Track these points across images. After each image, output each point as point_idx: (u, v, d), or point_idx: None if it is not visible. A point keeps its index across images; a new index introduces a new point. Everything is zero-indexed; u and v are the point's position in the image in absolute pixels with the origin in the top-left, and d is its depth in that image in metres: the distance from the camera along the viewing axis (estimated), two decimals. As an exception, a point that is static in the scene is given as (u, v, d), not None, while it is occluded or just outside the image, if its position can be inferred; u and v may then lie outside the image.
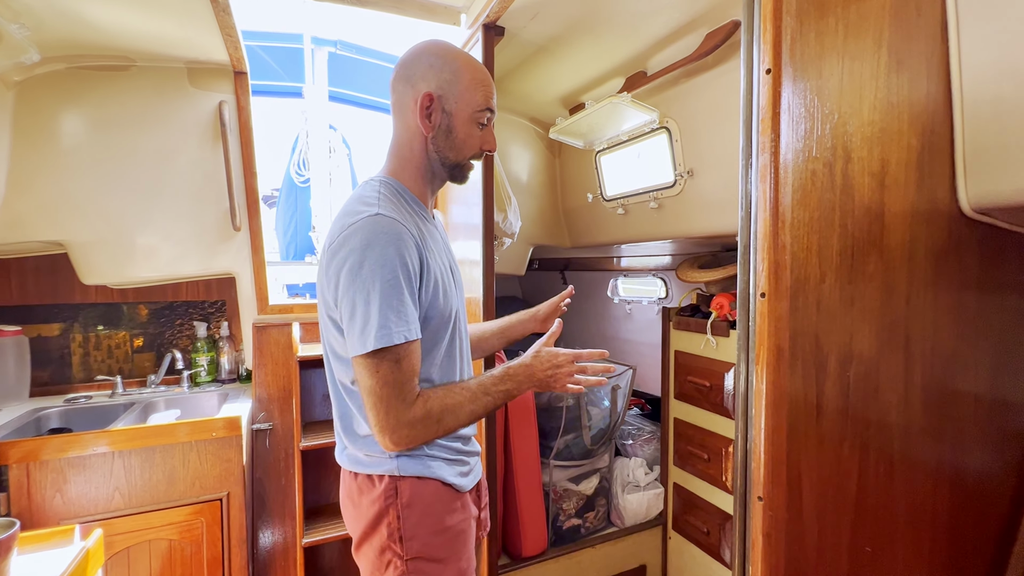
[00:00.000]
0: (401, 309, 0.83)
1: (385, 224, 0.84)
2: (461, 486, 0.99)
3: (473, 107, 0.93)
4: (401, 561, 0.93)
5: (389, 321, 0.81)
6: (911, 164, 0.89)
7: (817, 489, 0.81)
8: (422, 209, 0.98)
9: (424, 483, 0.95)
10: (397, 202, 0.92)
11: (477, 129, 0.95)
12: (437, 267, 0.94)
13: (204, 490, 1.54)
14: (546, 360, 0.95)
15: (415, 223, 0.92)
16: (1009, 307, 1.10)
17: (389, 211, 0.87)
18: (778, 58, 0.73)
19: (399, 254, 0.83)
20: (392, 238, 0.83)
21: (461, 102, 0.93)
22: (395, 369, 0.83)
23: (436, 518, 0.96)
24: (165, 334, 2.07)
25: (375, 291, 0.81)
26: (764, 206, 0.75)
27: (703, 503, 1.69)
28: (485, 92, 0.94)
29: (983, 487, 1.09)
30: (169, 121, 1.68)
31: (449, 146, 0.95)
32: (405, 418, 0.84)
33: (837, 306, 0.81)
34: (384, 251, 0.82)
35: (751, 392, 0.78)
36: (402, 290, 0.83)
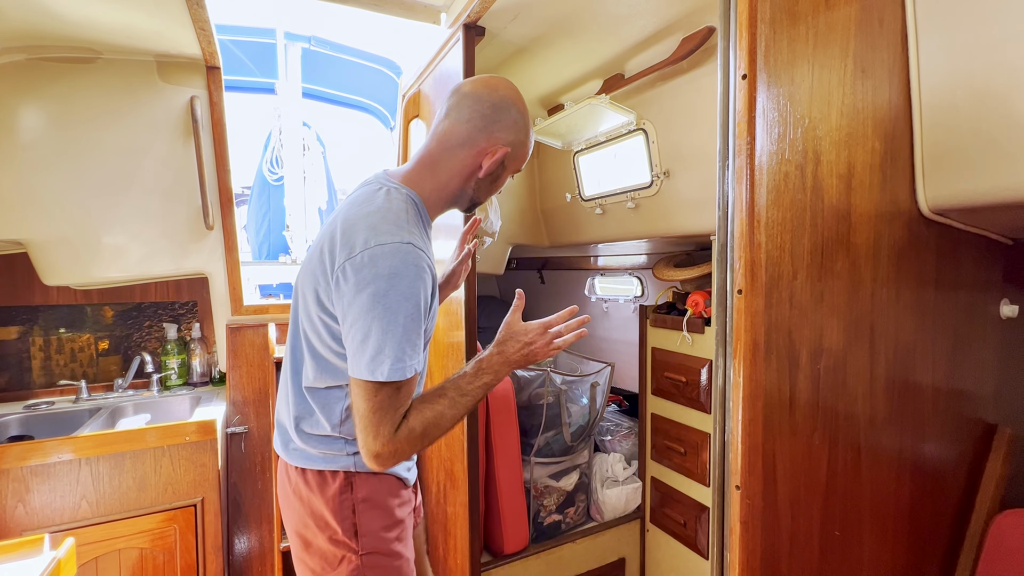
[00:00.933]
0: (416, 343, 0.84)
1: (414, 257, 0.83)
2: (406, 478, 1.03)
3: (517, 162, 1.00)
4: (356, 556, 0.94)
5: (405, 355, 0.82)
6: (875, 167, 0.94)
7: (790, 477, 0.84)
8: (429, 227, 0.99)
9: (380, 479, 0.97)
10: (419, 224, 0.91)
11: (502, 181, 1.01)
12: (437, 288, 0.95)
13: (177, 496, 1.50)
14: (517, 341, 0.93)
15: (429, 247, 0.92)
16: (963, 302, 1.17)
17: (417, 241, 0.86)
18: (753, 64, 0.76)
19: (423, 289, 0.84)
20: (419, 272, 0.83)
21: (517, 160, 0.99)
22: (393, 396, 0.83)
23: (389, 512, 0.98)
24: (133, 336, 2.00)
25: (396, 323, 0.81)
26: (741, 207, 0.78)
27: (680, 496, 1.74)
28: (526, 155, 1.01)
29: (941, 472, 1.15)
30: (137, 116, 1.63)
31: (487, 190, 1.01)
32: (390, 445, 0.83)
33: (808, 302, 0.85)
34: (411, 284, 0.82)
35: (729, 385, 0.81)
36: (419, 325, 0.84)
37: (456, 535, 1.55)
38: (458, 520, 1.53)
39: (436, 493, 1.68)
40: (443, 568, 1.68)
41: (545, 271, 2.98)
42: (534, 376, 1.86)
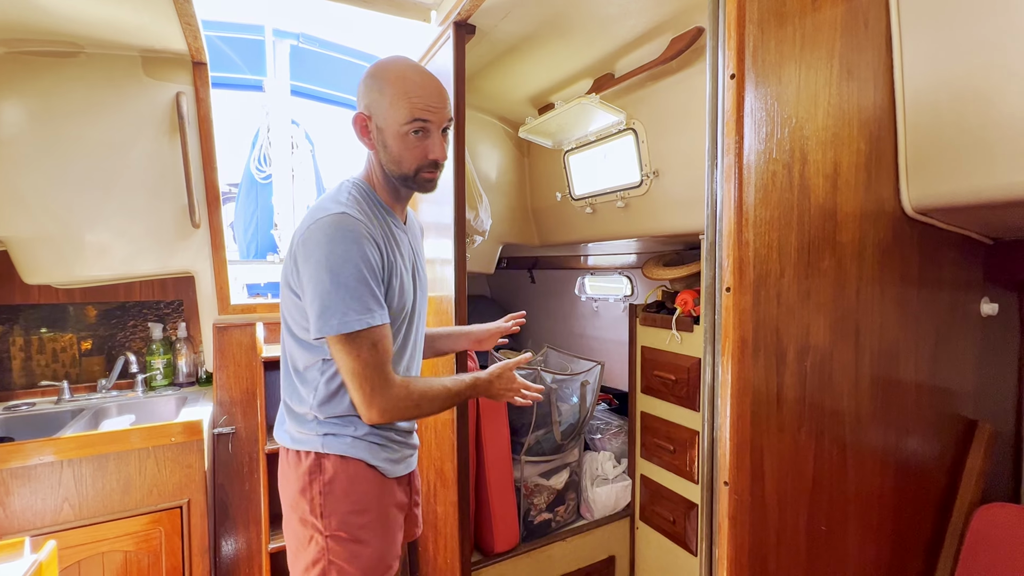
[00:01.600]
0: (364, 299, 0.90)
1: (349, 223, 0.91)
2: (386, 470, 1.04)
3: (399, 121, 0.95)
4: (321, 536, 0.98)
5: (351, 309, 0.89)
6: (860, 167, 0.96)
7: (778, 473, 0.85)
8: (389, 213, 1.04)
9: (346, 462, 1.00)
10: (365, 204, 0.99)
11: (413, 141, 0.96)
12: (400, 266, 1.01)
13: (163, 498, 1.48)
14: (505, 383, 1.12)
15: (379, 225, 0.99)
16: (945, 301, 1.19)
17: (355, 212, 0.94)
18: (741, 64, 0.77)
19: (360, 250, 0.90)
20: (355, 235, 0.91)
21: (388, 118, 0.96)
22: (373, 352, 0.91)
23: (357, 498, 1.00)
24: (117, 336, 1.97)
25: (338, 282, 0.88)
26: (729, 205, 0.79)
27: (669, 493, 1.75)
28: (410, 104, 0.94)
29: (923, 467, 1.18)
30: (121, 112, 1.60)
31: (389, 160, 0.99)
32: (389, 394, 0.93)
33: (795, 300, 0.86)
34: (348, 247, 0.89)
35: (717, 383, 0.82)
36: (365, 283, 0.90)
37: (446, 534, 1.55)
38: (448, 519, 1.52)
39: (426, 492, 1.67)
40: (433, 567, 1.68)
41: (535, 270, 2.99)
42: (524, 375, 1.86)
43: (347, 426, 1.01)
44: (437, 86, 0.98)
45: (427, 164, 0.98)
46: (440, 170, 1.02)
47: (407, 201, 1.10)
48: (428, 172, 0.99)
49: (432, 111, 0.95)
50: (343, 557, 0.98)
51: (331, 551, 0.98)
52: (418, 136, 0.96)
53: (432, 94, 0.96)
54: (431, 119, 0.96)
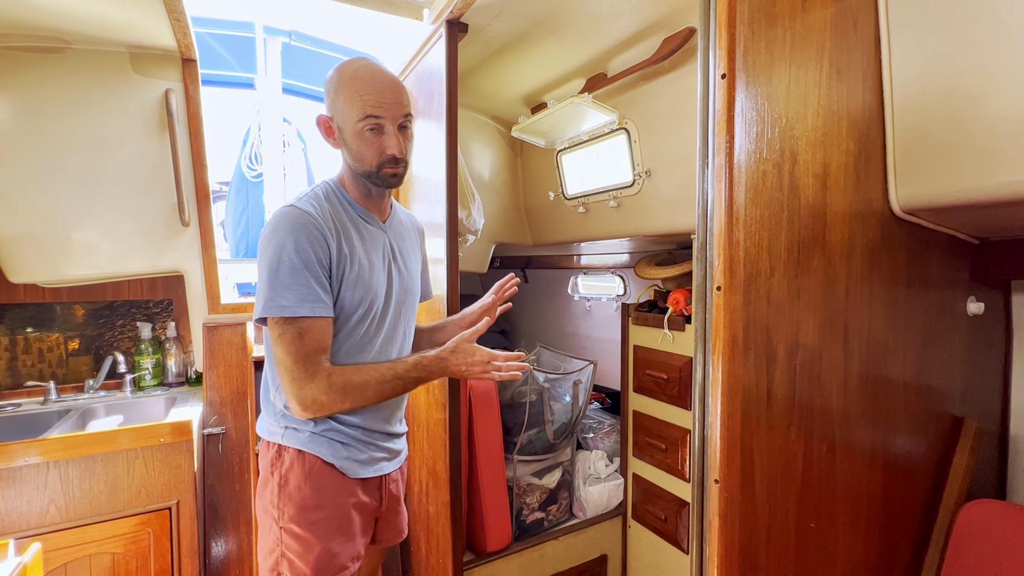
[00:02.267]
0: (293, 287, 0.91)
1: (292, 214, 0.95)
2: (347, 470, 1.04)
3: (353, 119, 0.97)
4: (276, 527, 1.02)
5: (278, 295, 0.91)
6: (849, 167, 0.96)
7: (767, 471, 0.86)
8: (361, 212, 1.06)
9: (303, 456, 1.02)
10: (327, 201, 1.01)
11: (369, 138, 0.98)
12: (362, 260, 1.02)
13: (151, 499, 1.46)
14: (462, 356, 1.01)
15: (341, 220, 1.01)
16: (932, 300, 1.20)
17: (305, 205, 0.97)
18: (732, 63, 0.77)
19: (298, 240, 0.92)
20: (296, 226, 0.93)
21: (344, 117, 0.98)
22: (297, 341, 0.92)
23: (310, 493, 1.01)
24: (105, 336, 1.94)
25: (272, 269, 0.92)
26: (720, 204, 0.79)
27: (661, 491, 1.76)
28: (362, 102, 0.96)
29: (911, 465, 1.19)
30: (109, 109, 1.58)
31: (352, 158, 1.02)
32: (307, 389, 0.92)
33: (785, 299, 0.86)
34: (284, 236, 0.92)
35: (708, 381, 0.82)
36: (297, 270, 0.92)
37: (438, 534, 1.54)
38: (440, 519, 1.52)
39: (418, 492, 1.67)
40: (425, 567, 1.67)
41: (529, 270, 2.99)
42: (517, 374, 1.86)
43: (307, 421, 1.03)
44: (390, 82, 0.99)
45: (387, 160, 0.99)
46: (403, 166, 1.02)
47: (382, 199, 1.10)
48: (389, 168, 1.00)
49: (383, 107, 0.97)
50: (294, 551, 1.00)
51: (284, 543, 1.01)
52: (373, 133, 0.98)
53: (383, 91, 0.98)
54: (383, 115, 0.97)
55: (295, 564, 1.00)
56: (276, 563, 1.02)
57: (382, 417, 1.10)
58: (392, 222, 1.14)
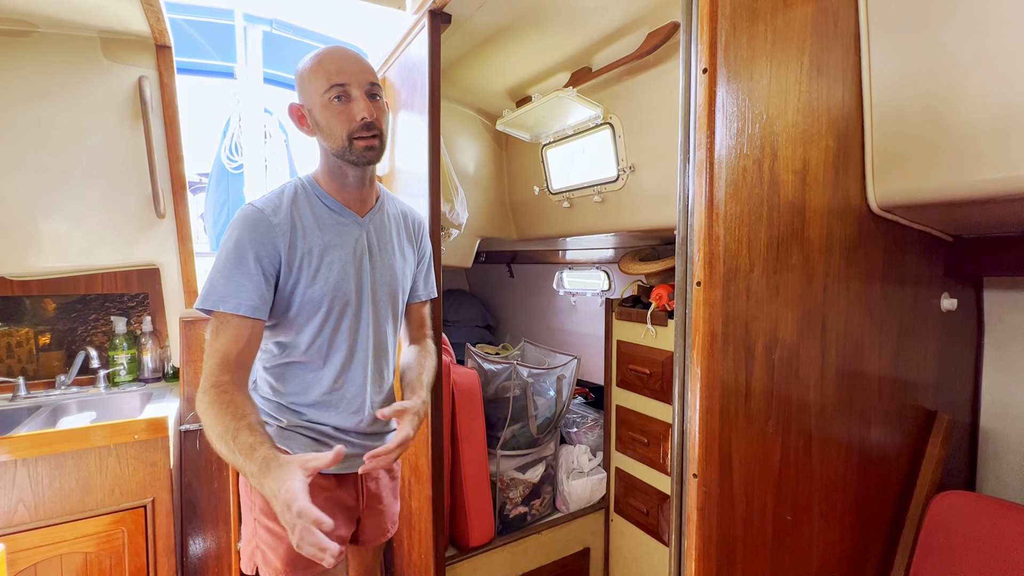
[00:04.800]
0: (223, 281, 0.91)
1: (245, 211, 0.96)
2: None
3: (318, 92, 0.96)
4: (250, 516, 1.04)
5: (213, 289, 0.91)
6: (828, 164, 0.97)
7: (745, 465, 0.87)
8: (330, 204, 1.04)
9: None
10: (291, 195, 1.01)
11: (337, 108, 0.96)
12: (323, 256, 1.00)
13: (125, 497, 1.43)
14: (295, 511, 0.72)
15: (300, 216, 0.99)
16: (907, 296, 1.23)
17: (260, 203, 0.97)
18: (714, 58, 0.77)
19: (240, 236, 0.93)
20: (246, 223, 0.94)
21: (311, 94, 0.97)
22: (213, 337, 0.91)
23: None
24: (77, 330, 1.89)
25: (216, 264, 0.93)
26: (700, 200, 0.79)
27: (643, 485, 1.77)
28: (325, 73, 0.95)
29: (885, 457, 1.21)
30: (79, 96, 1.53)
31: (325, 136, 0.99)
32: (203, 383, 0.89)
33: (764, 294, 0.87)
34: (230, 232, 0.94)
35: (687, 376, 0.82)
36: (234, 266, 0.92)
37: (420, 530, 1.54)
38: (422, 515, 1.51)
39: (401, 488, 1.66)
40: (407, 563, 1.67)
41: (514, 264, 2.98)
42: (501, 369, 1.85)
43: (277, 414, 1.04)
44: (354, 55, 0.99)
45: (357, 127, 0.95)
46: (378, 136, 0.98)
47: (360, 188, 1.05)
48: (362, 138, 0.96)
49: (347, 73, 0.95)
50: (267, 543, 1.01)
51: (258, 535, 1.02)
52: (341, 102, 0.96)
53: (346, 59, 0.97)
54: (348, 80, 0.95)
55: (267, 556, 1.01)
56: (252, 552, 1.05)
57: (354, 420, 1.07)
58: (375, 216, 1.09)
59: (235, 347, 0.90)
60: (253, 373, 1.05)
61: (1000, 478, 1.47)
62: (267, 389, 1.07)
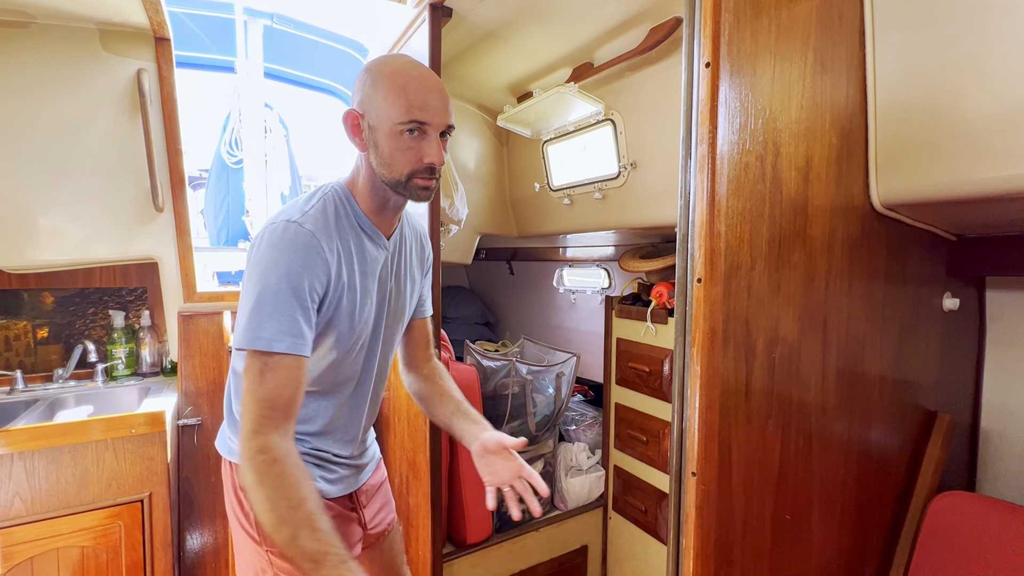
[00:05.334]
0: (278, 319, 0.81)
1: (292, 233, 0.84)
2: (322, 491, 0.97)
3: (392, 119, 0.86)
4: (262, 549, 0.94)
5: (260, 327, 0.81)
6: (832, 161, 0.96)
7: (745, 464, 0.86)
8: (367, 228, 0.95)
9: None
10: (333, 215, 0.91)
11: (407, 141, 0.87)
12: (360, 288, 0.93)
13: (122, 491, 1.42)
14: None
15: (345, 241, 0.91)
16: (909, 295, 1.22)
17: (309, 223, 0.86)
18: (716, 52, 0.76)
19: (291, 264, 0.82)
20: (297, 248, 0.83)
21: (381, 115, 0.87)
22: (257, 381, 0.80)
23: None
24: (75, 324, 1.89)
25: (261, 293, 0.82)
26: (702, 195, 0.78)
27: (641, 483, 1.77)
28: (407, 102, 0.86)
29: (885, 457, 1.21)
30: (78, 88, 1.52)
31: (380, 163, 0.90)
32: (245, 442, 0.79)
33: (765, 292, 0.86)
34: (281, 257, 0.82)
35: (687, 374, 0.82)
36: (287, 299, 0.82)
37: (418, 526, 1.53)
38: (420, 511, 1.51)
39: (399, 484, 1.66)
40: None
41: (515, 262, 2.97)
42: (500, 366, 1.85)
43: None
44: (439, 87, 0.90)
45: (422, 169, 0.89)
46: (437, 178, 0.92)
47: (396, 214, 0.99)
48: (423, 178, 0.90)
49: (431, 111, 0.87)
50: (287, 570, 0.94)
51: (275, 564, 0.94)
52: (413, 136, 0.87)
53: (432, 92, 0.88)
54: (429, 120, 0.87)
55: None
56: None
57: (351, 447, 1.04)
58: (396, 238, 1.03)
59: (286, 392, 0.81)
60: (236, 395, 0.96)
61: (1000, 479, 1.46)
62: None
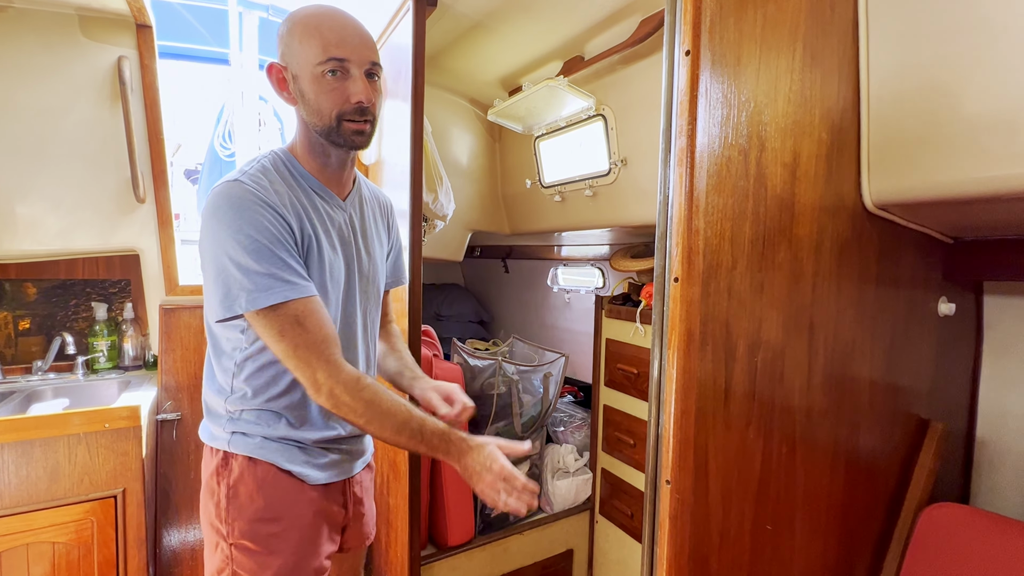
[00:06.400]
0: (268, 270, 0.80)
1: (241, 190, 0.83)
2: (307, 476, 0.95)
3: (311, 62, 0.84)
4: (225, 544, 0.91)
5: (256, 286, 0.80)
6: (821, 158, 0.92)
7: (723, 472, 0.82)
8: (316, 186, 0.94)
9: (255, 464, 0.92)
10: (276, 173, 0.89)
11: (330, 83, 0.85)
12: (323, 244, 0.91)
13: (94, 487, 1.39)
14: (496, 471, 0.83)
15: (295, 196, 0.89)
16: (902, 299, 1.18)
17: (250, 180, 0.85)
18: (697, 39, 0.72)
19: (256, 218, 0.81)
20: (249, 203, 0.82)
21: (300, 60, 0.85)
22: (299, 330, 0.81)
23: (266, 504, 0.91)
24: (57, 315, 1.86)
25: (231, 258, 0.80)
26: (680, 190, 0.74)
27: (628, 487, 1.73)
28: (322, 40, 0.83)
29: (874, 465, 1.17)
30: (56, 75, 1.49)
31: (309, 112, 0.88)
32: (329, 382, 0.82)
33: (748, 293, 0.82)
34: (240, 215, 0.81)
35: (663, 377, 0.78)
36: (266, 251, 0.81)
37: (397, 527, 1.50)
38: (399, 512, 1.48)
39: (380, 485, 1.62)
40: (384, 561, 1.63)
41: (509, 260, 2.94)
42: (486, 365, 1.82)
43: (258, 424, 0.92)
44: (355, 25, 0.88)
45: (350, 110, 0.86)
46: (370, 121, 0.89)
47: (342, 170, 0.97)
48: (353, 121, 0.86)
49: (349, 47, 0.84)
50: (248, 568, 0.90)
51: (235, 561, 0.90)
52: (336, 77, 0.84)
53: (348, 29, 0.86)
54: (347, 56, 0.84)
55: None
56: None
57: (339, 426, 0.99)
58: (353, 199, 1.02)
59: (328, 327, 0.84)
60: (229, 378, 0.93)
61: (996, 491, 1.42)
62: (241, 391, 0.93)
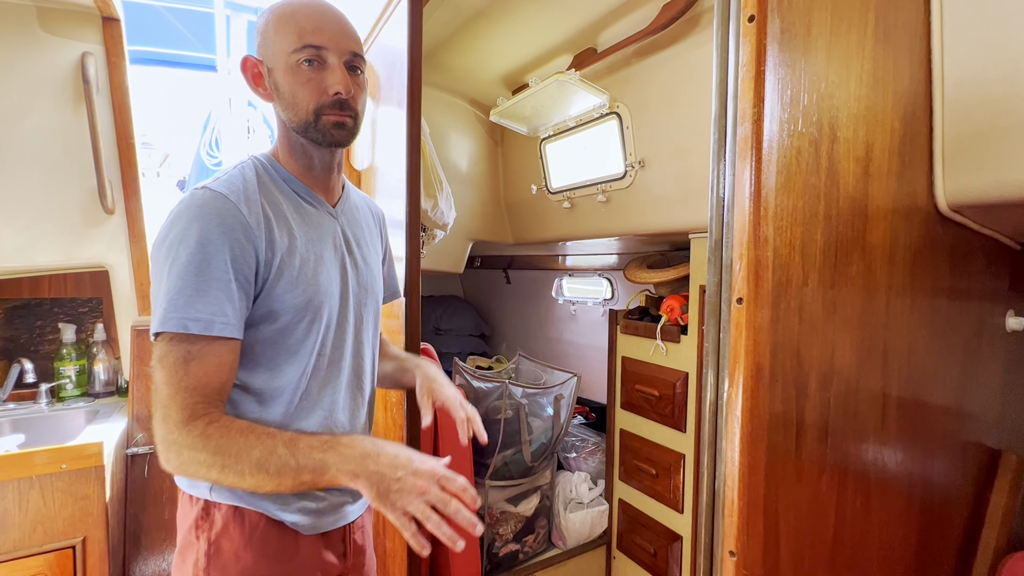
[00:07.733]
0: (184, 292, 0.69)
1: (203, 198, 0.72)
2: (301, 526, 0.81)
3: (285, 51, 0.76)
4: None
5: (175, 305, 0.68)
6: (894, 151, 0.78)
7: (794, 534, 0.67)
8: (302, 191, 0.84)
9: (241, 514, 0.78)
10: (254, 177, 0.79)
11: (306, 73, 0.76)
12: (304, 253, 0.79)
13: (49, 537, 1.22)
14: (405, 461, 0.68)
15: (273, 202, 0.79)
16: (973, 313, 1.03)
17: (222, 187, 0.74)
18: (764, 2, 0.58)
19: (203, 232, 0.70)
20: (205, 213, 0.71)
21: (274, 51, 0.78)
22: (180, 369, 0.69)
23: (253, 562, 0.77)
24: (21, 338, 1.70)
25: (172, 269, 0.69)
26: (743, 190, 0.60)
27: (650, 521, 1.57)
28: (298, 27, 0.76)
29: (947, 502, 1.01)
30: (11, 73, 1.34)
31: (285, 107, 0.79)
32: (173, 436, 0.68)
33: (820, 314, 0.67)
34: (187, 226, 0.70)
35: (721, 421, 0.63)
36: (194, 273, 0.69)
37: (394, 572, 1.33)
38: (396, 557, 1.31)
39: (374, 524, 1.46)
40: (381, 611, 1.46)
41: (511, 270, 2.79)
42: (492, 388, 1.66)
43: None
44: (335, 13, 0.80)
45: (329, 102, 0.77)
46: (353, 116, 0.80)
47: (329, 174, 0.87)
48: (332, 113, 0.78)
49: (325, 35, 0.77)
50: None
51: None
52: (312, 67, 0.76)
53: (326, 16, 0.78)
54: (324, 44, 0.76)
55: None
56: None
57: None
58: (345, 206, 0.91)
59: (216, 379, 0.70)
60: None
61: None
62: None
